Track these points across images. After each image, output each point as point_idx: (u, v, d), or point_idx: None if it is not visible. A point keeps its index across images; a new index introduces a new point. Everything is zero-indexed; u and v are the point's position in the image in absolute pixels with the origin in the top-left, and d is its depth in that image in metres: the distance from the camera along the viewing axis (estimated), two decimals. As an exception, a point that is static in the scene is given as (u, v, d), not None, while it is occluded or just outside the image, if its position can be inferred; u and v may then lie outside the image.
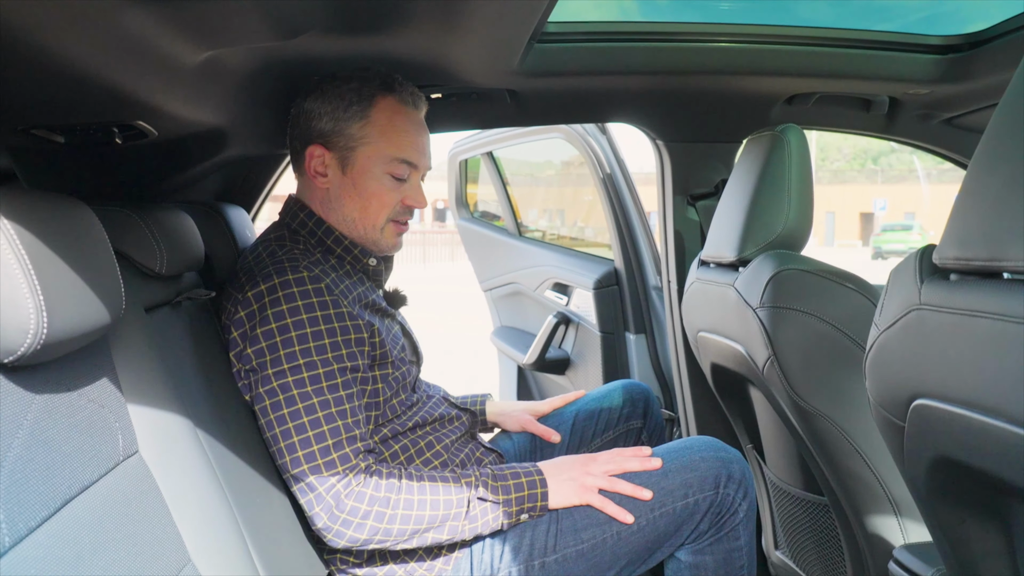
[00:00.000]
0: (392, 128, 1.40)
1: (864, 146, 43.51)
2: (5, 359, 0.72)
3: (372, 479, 1.25)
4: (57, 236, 0.76)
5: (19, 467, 0.70)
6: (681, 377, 2.12)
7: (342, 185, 1.42)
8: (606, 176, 2.43)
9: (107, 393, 0.91)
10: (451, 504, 1.28)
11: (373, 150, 1.40)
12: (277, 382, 1.26)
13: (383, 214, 1.43)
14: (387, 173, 1.41)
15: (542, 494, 1.34)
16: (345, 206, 1.43)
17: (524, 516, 1.34)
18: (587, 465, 1.39)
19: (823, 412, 1.40)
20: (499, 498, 1.32)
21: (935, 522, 0.99)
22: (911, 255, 0.93)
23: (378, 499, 1.24)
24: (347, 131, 1.40)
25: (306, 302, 1.28)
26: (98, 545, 0.78)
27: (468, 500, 1.30)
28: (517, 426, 1.75)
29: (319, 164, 1.43)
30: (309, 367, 1.26)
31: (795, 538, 1.79)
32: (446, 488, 1.29)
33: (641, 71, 1.68)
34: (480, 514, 1.31)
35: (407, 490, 1.26)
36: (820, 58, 1.66)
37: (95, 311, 0.81)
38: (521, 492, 1.33)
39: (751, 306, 1.46)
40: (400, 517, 1.25)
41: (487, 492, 1.31)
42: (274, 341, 1.26)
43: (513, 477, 1.35)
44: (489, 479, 1.33)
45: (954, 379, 0.81)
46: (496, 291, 3.32)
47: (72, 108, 1.10)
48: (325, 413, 1.25)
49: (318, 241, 1.44)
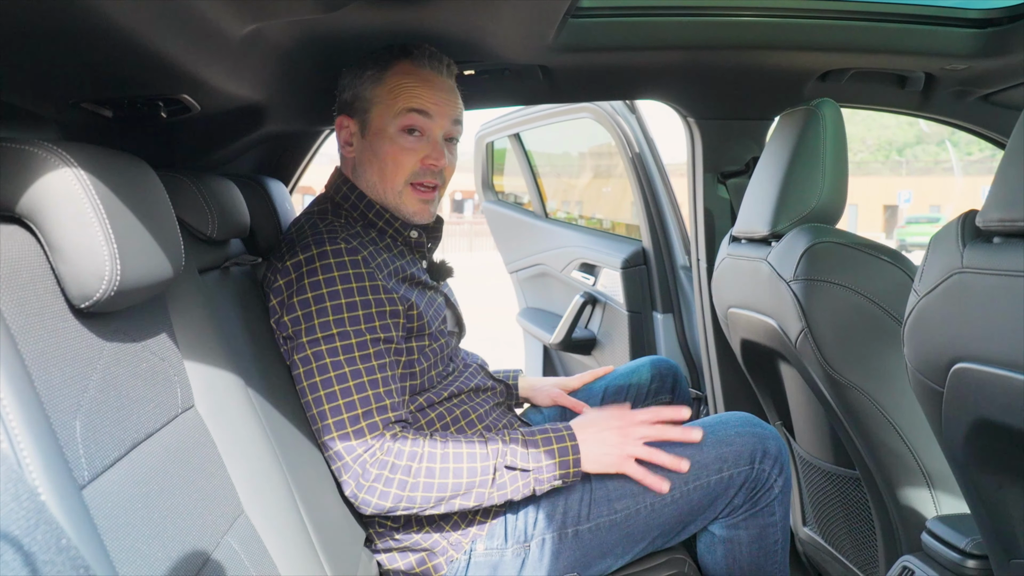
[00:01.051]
0: (400, 85, 1.40)
1: (889, 137, 43.05)
2: (81, 304, 0.75)
3: (395, 446, 1.26)
4: (127, 190, 0.80)
5: (95, 408, 0.73)
6: (709, 355, 2.13)
7: (363, 150, 1.45)
8: (635, 156, 2.44)
9: (166, 348, 0.94)
10: (475, 472, 1.28)
11: (385, 108, 1.41)
12: (311, 350, 1.28)
13: (400, 176, 1.42)
14: (400, 130, 1.41)
15: (575, 460, 1.32)
16: (368, 171, 1.45)
17: (557, 483, 1.33)
18: (625, 431, 1.35)
19: (857, 384, 1.41)
20: (529, 465, 1.31)
21: (972, 489, 1.00)
22: (952, 221, 0.94)
23: (400, 467, 1.25)
24: (363, 94, 1.42)
25: (342, 273, 1.30)
26: (164, 488, 0.82)
27: (494, 467, 1.29)
28: (548, 400, 1.77)
29: (346, 134, 1.46)
30: (342, 336, 1.28)
31: (824, 513, 1.80)
32: (471, 455, 1.29)
33: (673, 46, 1.69)
34: (509, 481, 1.30)
35: (429, 458, 1.27)
36: (855, 32, 1.65)
37: (160, 263, 0.84)
38: (552, 459, 1.31)
39: (784, 279, 1.47)
40: (423, 485, 1.26)
41: (516, 459, 1.30)
42: (309, 310, 1.29)
43: (545, 444, 1.32)
44: (519, 445, 1.32)
45: (996, 341, 0.82)
46: (522, 272, 3.34)
47: (121, 80, 1.13)
48: (356, 382, 1.27)
49: (360, 214, 1.46)
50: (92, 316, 0.79)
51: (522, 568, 1.39)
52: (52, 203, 0.73)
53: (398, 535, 1.39)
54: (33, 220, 0.74)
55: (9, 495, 0.43)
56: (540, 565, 1.38)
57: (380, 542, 1.41)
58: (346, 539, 1.25)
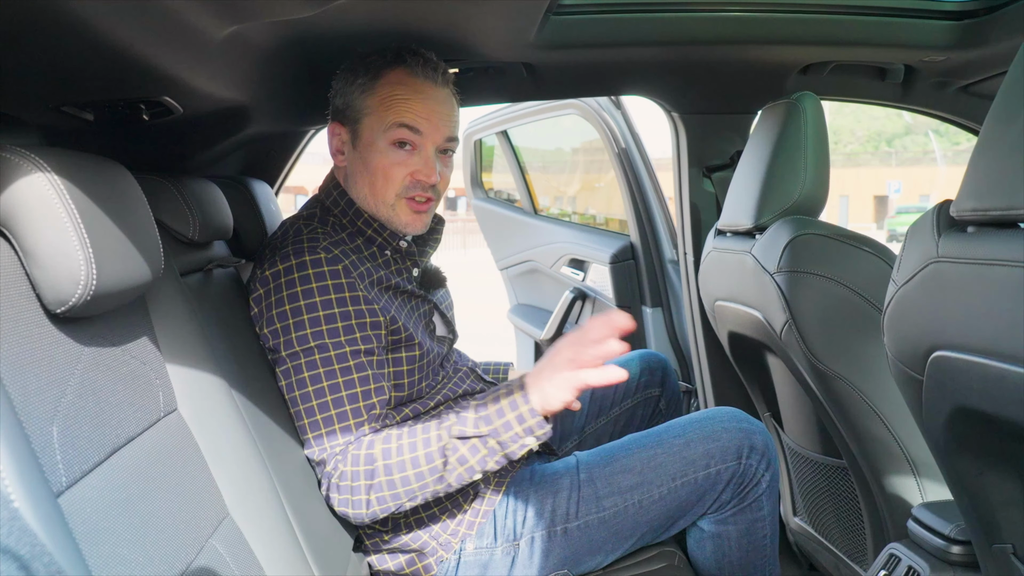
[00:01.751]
0: (391, 96, 1.35)
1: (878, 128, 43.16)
2: (57, 309, 0.75)
3: (351, 455, 1.24)
4: (102, 194, 0.80)
5: (72, 414, 0.74)
6: (698, 348, 2.14)
7: (354, 161, 1.41)
8: (621, 151, 2.45)
9: (147, 351, 0.94)
10: (432, 456, 1.23)
11: (375, 120, 1.36)
12: (291, 363, 1.27)
13: (390, 190, 1.38)
14: (391, 144, 1.36)
15: (529, 411, 1.22)
16: (358, 183, 1.41)
17: (528, 439, 1.23)
18: (555, 359, 1.24)
19: (841, 374, 1.42)
20: (482, 429, 1.23)
21: (954, 475, 1.01)
22: (928, 211, 0.94)
23: (361, 473, 1.24)
24: (354, 103, 1.38)
25: (320, 284, 1.27)
26: (145, 492, 0.82)
27: (445, 445, 1.23)
28: None
29: (338, 143, 1.43)
30: (320, 349, 1.26)
31: (813, 503, 1.81)
32: (426, 440, 1.23)
33: (656, 42, 1.69)
34: (469, 452, 1.23)
35: (384, 455, 1.23)
36: (835, 26, 1.66)
37: (139, 267, 0.84)
38: (503, 417, 1.22)
39: (768, 271, 1.48)
40: (386, 484, 1.23)
41: (466, 427, 1.23)
42: (287, 323, 1.27)
43: (493, 402, 1.24)
44: (470, 411, 1.24)
45: (972, 329, 0.83)
46: (512, 269, 3.34)
47: (102, 83, 1.12)
48: (334, 397, 1.26)
49: (349, 221, 1.42)
50: (69, 321, 0.79)
51: (512, 567, 1.39)
52: (25, 209, 0.73)
53: (387, 536, 1.39)
54: (6, 226, 0.73)
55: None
56: (530, 563, 1.39)
57: (370, 543, 1.41)
58: (335, 541, 1.26)
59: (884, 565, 1.38)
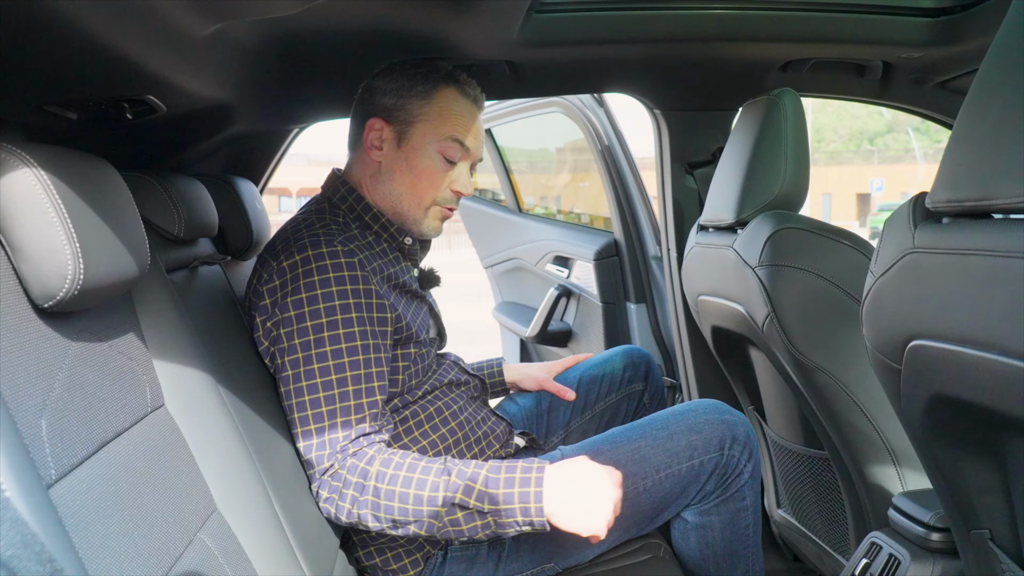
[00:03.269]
0: (449, 111, 1.44)
1: (860, 127, 43.49)
2: (44, 304, 0.75)
3: (349, 462, 1.24)
4: (89, 190, 0.80)
5: (61, 408, 0.74)
6: (682, 343, 2.16)
7: (395, 159, 1.45)
8: (604, 148, 2.46)
9: (134, 347, 0.95)
10: (422, 500, 1.20)
11: (429, 128, 1.43)
12: (302, 353, 1.28)
13: (430, 194, 1.45)
14: (439, 153, 1.44)
15: (536, 509, 1.19)
16: (395, 180, 1.45)
17: (526, 528, 1.21)
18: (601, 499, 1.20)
19: (822, 366, 1.44)
20: (484, 507, 1.19)
21: (932, 463, 1.03)
22: (904, 204, 0.96)
23: (352, 483, 1.23)
24: (408, 107, 1.43)
25: (337, 275, 1.29)
26: (134, 486, 0.82)
27: (443, 501, 1.20)
28: (535, 385, 1.80)
29: (376, 137, 1.45)
30: (332, 341, 1.27)
31: (796, 494, 1.83)
32: (421, 482, 1.21)
33: (637, 39, 1.70)
34: (463, 519, 1.21)
35: (378, 478, 1.22)
36: (814, 23, 1.68)
37: (125, 262, 0.84)
38: (511, 504, 1.19)
39: (750, 265, 1.50)
40: (371, 504, 1.22)
41: (469, 498, 1.20)
42: (302, 311, 1.28)
43: (507, 485, 1.20)
44: (479, 483, 1.20)
45: (948, 318, 0.85)
46: (497, 267, 3.35)
47: (85, 82, 1.12)
48: (341, 391, 1.27)
49: (356, 216, 1.45)
50: (57, 316, 0.79)
51: (499, 561, 1.40)
52: (13, 204, 0.73)
53: (375, 532, 1.40)
54: None
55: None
56: (516, 558, 1.40)
57: (357, 539, 1.42)
58: (323, 537, 1.26)
59: (866, 553, 1.40)
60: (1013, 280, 0.75)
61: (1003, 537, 0.99)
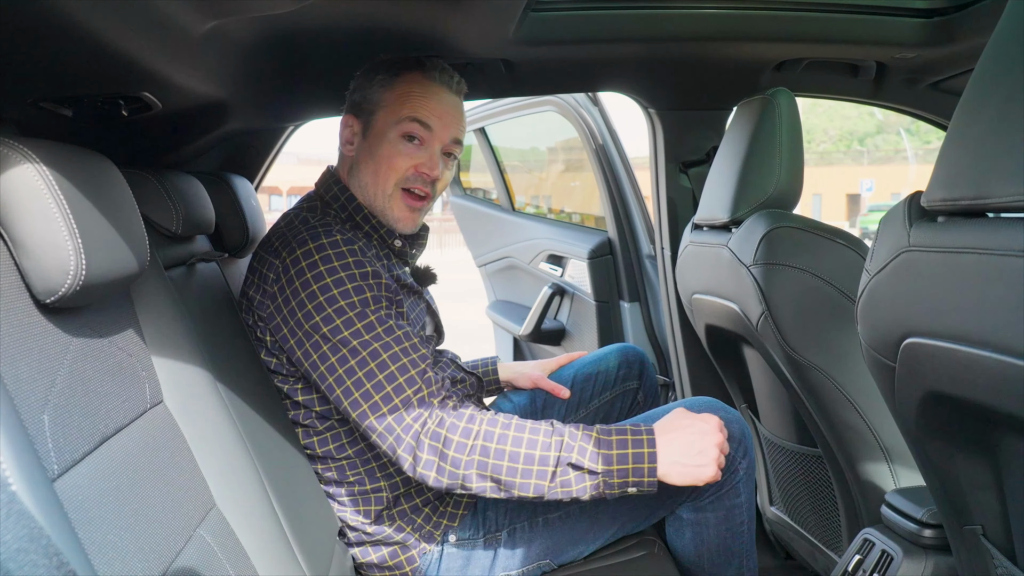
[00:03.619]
0: (409, 93, 1.42)
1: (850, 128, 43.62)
2: (46, 299, 0.75)
3: (448, 420, 1.22)
4: (90, 186, 0.80)
5: (63, 403, 0.74)
6: (675, 342, 2.17)
7: (362, 150, 1.45)
8: (599, 147, 2.47)
9: (133, 343, 0.95)
10: (533, 459, 1.22)
11: (389, 112, 1.42)
12: (335, 338, 1.25)
13: (392, 178, 1.42)
14: (401, 136, 1.41)
15: (649, 469, 1.23)
16: (362, 172, 1.45)
17: (632, 490, 1.24)
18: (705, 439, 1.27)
19: (816, 364, 1.45)
20: (598, 467, 1.22)
21: (925, 459, 1.04)
22: (899, 203, 0.97)
23: (454, 443, 1.21)
24: (372, 97, 1.44)
25: (342, 262, 1.29)
26: (135, 482, 0.82)
27: (557, 460, 1.22)
28: (529, 383, 1.80)
29: (349, 134, 1.47)
30: (361, 317, 1.26)
31: (789, 492, 1.84)
32: (532, 441, 1.23)
33: (633, 38, 1.71)
34: (574, 480, 1.23)
35: (486, 436, 1.22)
36: (808, 23, 1.69)
37: (126, 258, 0.85)
38: (625, 464, 1.23)
39: (745, 264, 1.51)
40: (477, 463, 1.21)
41: (584, 458, 1.22)
42: (318, 301, 1.26)
43: (619, 446, 1.24)
44: (591, 444, 1.23)
45: (942, 315, 0.86)
46: (490, 266, 3.36)
47: (81, 79, 1.12)
48: (389, 354, 1.25)
49: (348, 216, 1.45)
50: (58, 312, 0.79)
51: (495, 558, 1.41)
52: (15, 199, 0.73)
53: (371, 528, 1.40)
54: None
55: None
56: (512, 554, 1.40)
57: (353, 536, 1.42)
58: (320, 533, 1.26)
59: (859, 550, 1.42)
60: (1009, 278, 0.75)
61: (995, 533, 1.00)
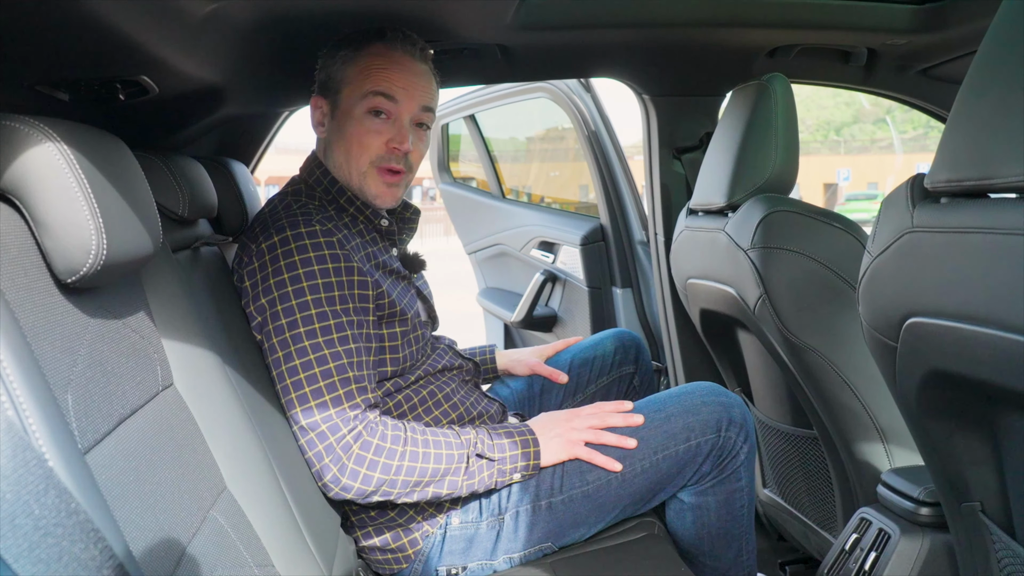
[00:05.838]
0: (371, 66, 1.40)
1: (827, 117, 43.88)
2: (67, 279, 0.75)
3: (379, 429, 1.28)
4: (107, 166, 0.80)
5: (84, 383, 0.74)
6: (669, 327, 2.18)
7: (332, 131, 1.44)
8: (591, 133, 2.48)
9: (145, 326, 0.94)
10: (452, 459, 1.32)
11: (353, 89, 1.40)
12: (290, 332, 1.27)
13: (364, 158, 1.41)
14: (367, 111, 1.40)
15: (535, 453, 1.39)
16: (335, 152, 1.44)
17: (517, 476, 1.39)
18: (571, 420, 1.43)
19: (813, 346, 1.47)
20: (494, 455, 1.36)
21: (925, 438, 1.06)
22: (901, 185, 0.99)
23: (385, 450, 1.26)
24: (336, 75, 1.42)
25: (317, 254, 1.29)
26: (152, 463, 0.82)
27: (468, 456, 1.34)
28: (526, 370, 1.81)
29: (319, 115, 1.46)
30: (320, 318, 1.27)
31: (784, 474, 1.87)
32: (448, 443, 1.33)
33: (627, 24, 1.71)
34: (477, 471, 1.35)
35: (412, 443, 1.29)
36: (801, 10, 1.71)
37: (142, 238, 0.84)
38: (515, 451, 1.37)
39: (742, 248, 1.52)
40: (406, 469, 1.28)
41: (484, 449, 1.36)
42: (285, 291, 1.28)
43: (507, 436, 1.38)
44: (486, 437, 1.37)
45: (946, 295, 0.87)
46: (481, 253, 3.36)
47: (78, 62, 1.10)
48: (336, 364, 1.27)
49: (331, 199, 1.44)
50: (76, 292, 0.79)
51: (497, 540, 1.41)
52: (37, 178, 0.72)
53: (374, 512, 1.41)
54: (17, 195, 0.73)
55: (18, 461, 0.44)
56: (515, 537, 1.41)
57: (356, 519, 1.42)
58: (326, 515, 1.27)
59: (855, 529, 1.44)
60: (1012, 256, 0.77)
61: (994, 509, 1.02)
